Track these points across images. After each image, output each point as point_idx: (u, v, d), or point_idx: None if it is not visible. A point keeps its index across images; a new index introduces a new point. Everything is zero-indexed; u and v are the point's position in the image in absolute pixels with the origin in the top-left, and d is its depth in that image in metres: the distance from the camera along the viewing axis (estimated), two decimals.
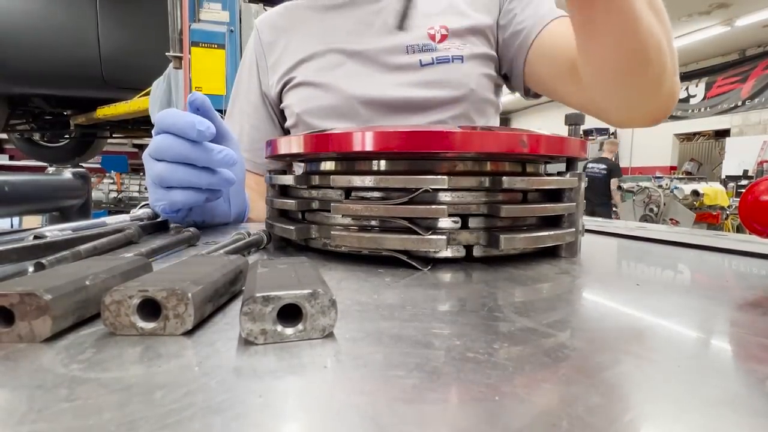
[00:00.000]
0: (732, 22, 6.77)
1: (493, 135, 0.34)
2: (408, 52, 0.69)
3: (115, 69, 2.91)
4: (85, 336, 0.19)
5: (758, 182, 0.36)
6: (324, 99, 0.70)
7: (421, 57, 0.68)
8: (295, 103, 0.73)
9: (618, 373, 0.16)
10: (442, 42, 0.69)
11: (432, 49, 0.69)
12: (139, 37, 2.88)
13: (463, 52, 0.69)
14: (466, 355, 0.17)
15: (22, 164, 5.50)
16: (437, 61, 0.68)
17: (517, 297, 0.26)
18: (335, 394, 0.15)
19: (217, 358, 0.17)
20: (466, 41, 0.70)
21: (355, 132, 0.33)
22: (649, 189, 4.58)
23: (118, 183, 3.63)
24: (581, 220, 0.39)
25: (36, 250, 0.32)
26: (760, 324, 0.22)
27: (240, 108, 0.79)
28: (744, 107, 7.97)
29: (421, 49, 0.69)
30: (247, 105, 0.79)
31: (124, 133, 3.89)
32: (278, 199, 0.41)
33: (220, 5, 2.02)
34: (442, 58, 0.68)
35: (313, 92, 0.71)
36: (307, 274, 0.22)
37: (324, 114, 0.70)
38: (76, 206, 0.90)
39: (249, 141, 0.77)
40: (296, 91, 0.73)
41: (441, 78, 0.68)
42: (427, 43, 0.69)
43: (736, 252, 0.43)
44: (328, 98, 0.70)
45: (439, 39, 0.69)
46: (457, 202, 0.34)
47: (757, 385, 0.16)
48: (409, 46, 0.69)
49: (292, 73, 0.73)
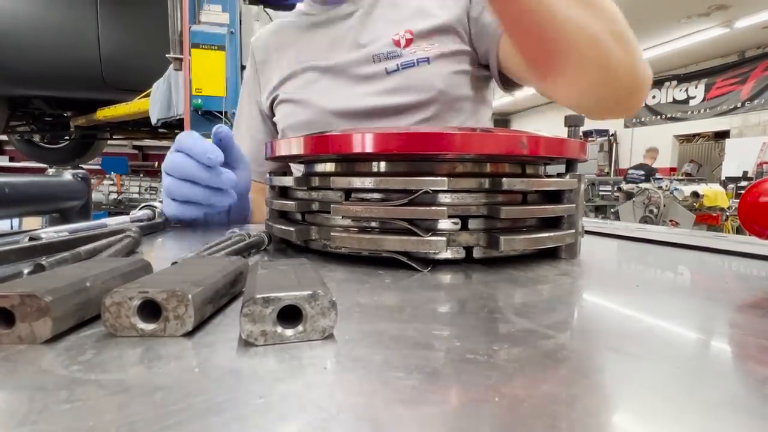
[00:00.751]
0: (731, 23, 6.78)
1: (492, 136, 0.34)
2: (374, 61, 0.70)
3: (116, 71, 2.92)
4: (86, 337, 0.19)
5: (757, 184, 0.36)
6: (302, 114, 0.74)
7: (386, 65, 0.69)
8: (280, 118, 0.77)
9: (617, 374, 0.16)
10: (408, 47, 0.69)
11: (397, 55, 0.69)
12: (139, 39, 2.88)
13: (429, 54, 0.69)
14: (465, 357, 0.17)
15: (23, 166, 5.50)
16: (402, 67, 0.69)
17: (517, 298, 0.26)
18: (335, 395, 0.15)
19: (217, 360, 0.17)
20: (432, 41, 0.69)
21: (355, 133, 0.34)
22: (649, 190, 4.57)
23: (118, 184, 3.63)
24: (581, 221, 0.39)
25: (34, 252, 0.32)
26: (759, 325, 0.22)
27: (246, 123, 0.85)
28: (744, 108, 7.98)
29: (387, 56, 0.69)
30: (250, 119, 0.85)
31: (124, 134, 3.89)
32: (278, 200, 0.41)
33: (221, 7, 2.02)
34: (407, 63, 0.69)
35: (293, 108, 0.75)
36: (307, 275, 0.22)
37: (302, 128, 0.73)
38: (76, 208, 0.90)
39: (252, 152, 0.80)
40: (280, 108, 0.78)
41: (407, 83, 0.69)
42: (392, 50, 0.69)
43: (736, 253, 0.43)
44: (305, 113, 0.74)
45: (404, 44, 0.69)
46: (457, 204, 0.34)
47: (756, 387, 0.16)
48: (374, 55, 0.70)
49: (277, 91, 0.78)
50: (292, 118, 0.75)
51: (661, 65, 8.89)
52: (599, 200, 5.52)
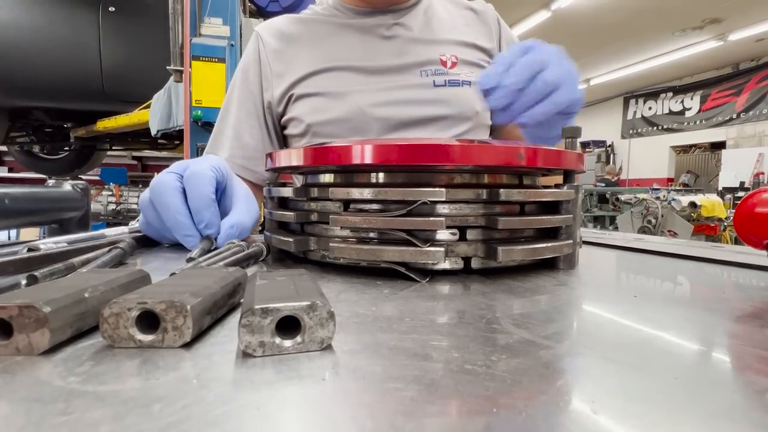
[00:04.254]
0: (725, 36, 6.89)
1: (490, 148, 0.34)
2: (421, 75, 0.74)
3: (116, 82, 2.94)
4: (84, 348, 0.19)
5: (753, 194, 0.36)
6: (336, 110, 0.72)
7: (434, 78, 0.74)
8: (306, 113, 0.74)
9: (616, 384, 0.16)
10: (453, 68, 0.75)
11: (443, 73, 0.75)
12: (140, 52, 2.91)
13: (471, 79, 0.75)
14: (464, 367, 0.17)
15: (22, 176, 5.50)
16: (449, 83, 0.74)
17: (515, 309, 0.26)
18: (333, 406, 0.15)
19: (216, 371, 0.17)
20: (473, 70, 0.76)
21: (354, 145, 0.34)
22: (647, 201, 4.59)
23: (116, 195, 3.62)
24: (579, 231, 0.39)
25: (33, 263, 0.32)
26: (758, 336, 0.22)
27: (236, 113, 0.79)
28: (739, 120, 8.06)
29: (434, 72, 0.74)
30: (240, 110, 0.78)
31: (123, 145, 3.90)
32: (277, 211, 0.41)
33: (221, 20, 2.05)
34: (454, 81, 0.74)
35: (324, 103, 0.73)
36: (306, 286, 0.22)
37: (335, 125, 0.72)
38: (75, 218, 0.90)
39: (241, 147, 0.77)
40: (305, 102, 0.74)
41: (451, 98, 0.74)
42: (439, 68, 0.75)
43: (734, 264, 0.43)
44: (340, 109, 0.72)
45: (450, 65, 0.75)
46: (455, 214, 0.34)
47: (755, 397, 0.16)
48: (422, 70, 0.74)
49: (303, 83, 0.75)
50: (322, 113, 0.73)
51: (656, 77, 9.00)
52: (597, 210, 5.55)
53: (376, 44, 0.75)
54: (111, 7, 2.89)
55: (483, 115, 0.76)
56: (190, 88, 1.96)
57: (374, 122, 0.72)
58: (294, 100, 0.75)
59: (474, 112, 0.75)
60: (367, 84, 0.73)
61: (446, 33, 0.77)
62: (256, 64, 0.78)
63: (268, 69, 0.77)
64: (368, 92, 0.73)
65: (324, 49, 0.76)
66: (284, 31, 0.79)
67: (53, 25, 2.86)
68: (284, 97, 0.76)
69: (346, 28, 0.77)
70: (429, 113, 0.73)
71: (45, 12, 2.86)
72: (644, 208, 4.54)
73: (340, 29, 0.77)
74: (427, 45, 0.76)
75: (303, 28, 0.79)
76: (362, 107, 0.72)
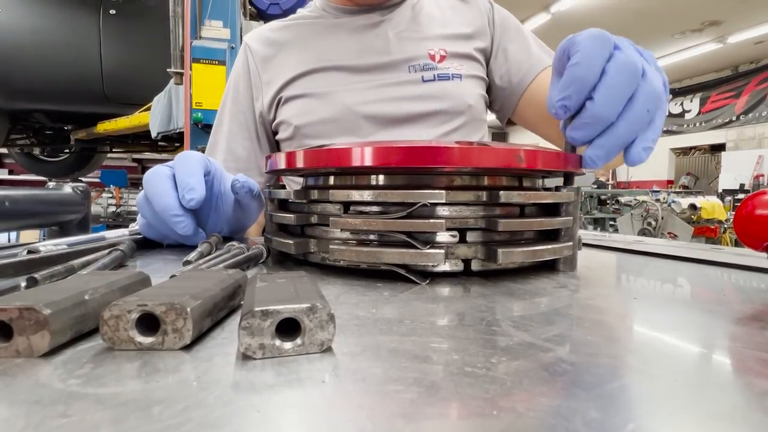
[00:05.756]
0: (724, 39, 6.91)
1: (490, 150, 0.34)
2: (410, 71, 0.73)
3: (117, 85, 2.95)
4: (84, 351, 0.19)
5: (752, 196, 0.36)
6: (323, 111, 0.72)
7: (423, 74, 0.73)
8: (294, 115, 0.74)
9: (616, 387, 0.16)
10: (442, 62, 0.74)
11: (432, 67, 0.73)
12: (140, 54, 2.92)
13: (461, 72, 0.74)
14: (464, 370, 0.17)
15: (22, 179, 5.51)
16: (438, 78, 0.73)
17: (516, 311, 0.26)
18: (333, 408, 0.15)
19: (216, 373, 0.17)
20: (463, 63, 0.75)
21: (354, 147, 0.34)
22: (647, 203, 4.59)
23: (117, 197, 3.63)
24: (579, 233, 0.39)
25: (33, 265, 0.32)
26: (758, 338, 0.22)
27: (228, 126, 0.80)
28: (738, 122, 8.07)
29: (422, 67, 0.73)
30: (232, 123, 0.79)
31: (123, 147, 3.90)
32: (277, 213, 0.41)
33: (222, 23, 2.05)
34: (443, 75, 0.73)
35: (311, 104, 0.73)
36: (306, 288, 0.22)
37: (323, 126, 0.72)
38: (75, 221, 0.90)
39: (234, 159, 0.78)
40: (293, 104, 0.74)
41: (441, 92, 0.72)
42: (428, 62, 0.73)
43: (734, 266, 0.43)
44: (327, 110, 0.72)
45: (439, 59, 0.74)
46: (455, 216, 0.34)
47: (755, 399, 0.16)
48: (410, 65, 0.73)
49: (291, 86, 0.75)
50: (310, 115, 0.72)
51: None
52: (597, 212, 5.55)
53: (363, 42, 0.75)
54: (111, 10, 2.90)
55: (477, 108, 0.75)
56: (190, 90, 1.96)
57: (363, 121, 0.71)
58: (282, 103, 0.75)
59: (467, 106, 0.73)
60: (354, 83, 0.73)
61: (435, 28, 0.76)
62: (246, 76, 0.79)
63: (257, 78, 0.78)
64: (356, 91, 0.72)
65: (311, 51, 0.75)
66: (271, 37, 0.79)
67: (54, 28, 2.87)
68: (273, 102, 0.76)
69: (333, 28, 0.77)
70: (419, 109, 0.71)
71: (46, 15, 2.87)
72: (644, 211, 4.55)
73: (327, 30, 0.77)
74: (414, 41, 0.74)
75: (290, 33, 0.79)
76: (350, 106, 0.71)
